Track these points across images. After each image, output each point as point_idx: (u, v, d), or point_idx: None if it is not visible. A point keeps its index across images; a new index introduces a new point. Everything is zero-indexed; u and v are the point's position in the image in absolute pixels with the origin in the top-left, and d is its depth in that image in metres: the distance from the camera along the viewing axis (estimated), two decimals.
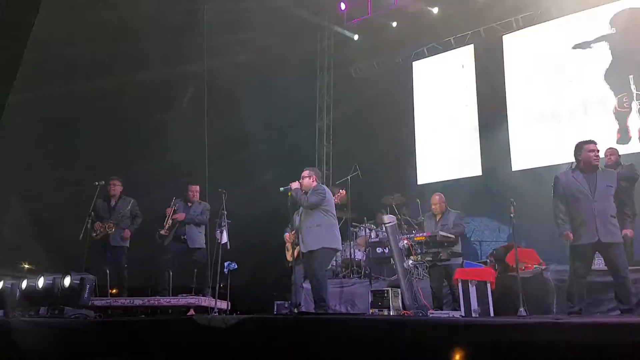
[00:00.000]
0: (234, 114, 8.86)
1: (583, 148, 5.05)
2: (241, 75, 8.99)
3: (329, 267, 6.47)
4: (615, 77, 8.74)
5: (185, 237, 6.91)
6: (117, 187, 7.05)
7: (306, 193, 5.62)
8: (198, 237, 7.02)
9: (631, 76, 8.51)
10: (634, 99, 8.49)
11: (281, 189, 5.81)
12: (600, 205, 4.83)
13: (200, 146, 7.50)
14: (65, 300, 5.68)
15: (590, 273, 5.29)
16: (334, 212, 5.70)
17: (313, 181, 5.72)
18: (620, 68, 8.69)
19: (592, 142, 5.09)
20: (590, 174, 4.96)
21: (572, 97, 9.12)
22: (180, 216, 6.91)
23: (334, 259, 7.67)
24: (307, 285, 6.90)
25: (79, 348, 4.16)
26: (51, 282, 5.95)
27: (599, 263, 5.42)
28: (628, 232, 4.91)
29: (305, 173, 5.78)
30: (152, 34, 8.30)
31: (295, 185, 5.65)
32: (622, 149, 6.98)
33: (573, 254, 5.00)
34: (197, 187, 7.18)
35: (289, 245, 6.78)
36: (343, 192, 6.45)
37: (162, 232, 6.86)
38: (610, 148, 6.58)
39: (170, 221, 6.88)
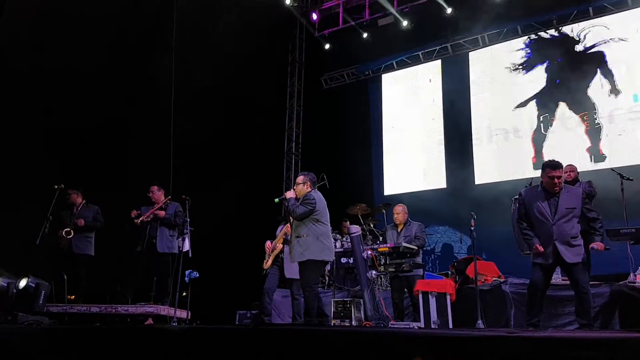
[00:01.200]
0: (201, 119, 8.75)
1: (545, 171, 4.80)
2: (209, 80, 8.90)
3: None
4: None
5: (155, 240, 6.53)
6: (72, 196, 6.91)
7: (298, 199, 5.23)
8: (167, 242, 6.57)
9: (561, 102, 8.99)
10: (597, 116, 8.81)
11: (276, 200, 5.51)
12: (559, 228, 4.71)
13: (165, 151, 7.40)
14: (19, 305, 5.52)
15: (552, 287, 5.37)
16: (326, 219, 5.30)
17: (307, 187, 5.27)
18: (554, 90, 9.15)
19: (558, 167, 4.79)
20: (552, 196, 4.79)
21: (534, 114, 9.42)
22: (161, 213, 6.56)
23: None
24: (276, 296, 6.83)
25: (31, 356, 4.04)
26: (5, 285, 5.78)
27: (560, 277, 5.54)
28: (595, 245, 4.87)
29: (300, 179, 5.35)
30: (118, 35, 8.15)
31: (290, 194, 5.25)
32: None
33: (533, 269, 4.95)
34: (155, 187, 6.81)
35: (267, 254, 6.68)
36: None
37: (133, 215, 6.51)
38: (569, 165, 6.51)
39: (151, 216, 6.51)
